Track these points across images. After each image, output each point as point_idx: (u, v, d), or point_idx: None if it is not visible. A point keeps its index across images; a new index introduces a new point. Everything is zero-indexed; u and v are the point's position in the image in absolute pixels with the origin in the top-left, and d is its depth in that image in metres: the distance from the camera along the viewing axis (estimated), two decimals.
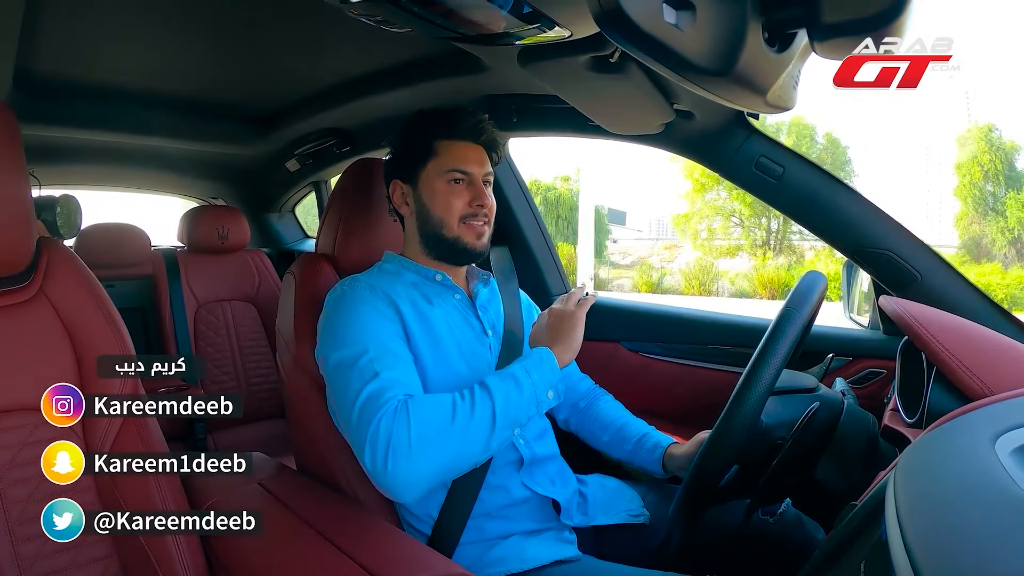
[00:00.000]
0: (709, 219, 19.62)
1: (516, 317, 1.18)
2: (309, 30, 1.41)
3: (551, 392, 0.97)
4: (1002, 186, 17.58)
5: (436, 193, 1.09)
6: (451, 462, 0.90)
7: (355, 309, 1.01)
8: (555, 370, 0.98)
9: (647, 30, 0.51)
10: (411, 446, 0.87)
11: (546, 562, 0.99)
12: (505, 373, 0.96)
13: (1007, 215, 17.02)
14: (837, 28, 0.58)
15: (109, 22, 1.36)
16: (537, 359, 0.98)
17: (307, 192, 2.86)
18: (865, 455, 0.94)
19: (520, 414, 0.94)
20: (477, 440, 0.90)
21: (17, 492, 0.86)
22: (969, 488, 0.49)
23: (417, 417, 0.88)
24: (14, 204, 0.87)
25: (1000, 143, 17.75)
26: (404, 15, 0.84)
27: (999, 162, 17.54)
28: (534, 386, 0.95)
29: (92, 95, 1.83)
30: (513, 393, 0.93)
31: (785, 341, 0.85)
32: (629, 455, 1.20)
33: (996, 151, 17.67)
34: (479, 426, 0.90)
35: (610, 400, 1.30)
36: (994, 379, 0.78)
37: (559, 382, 0.98)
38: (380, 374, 0.93)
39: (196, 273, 2.41)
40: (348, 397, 0.94)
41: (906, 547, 0.45)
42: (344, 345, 0.98)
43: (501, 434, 0.92)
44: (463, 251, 1.10)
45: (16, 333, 0.91)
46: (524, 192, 1.85)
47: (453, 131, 1.10)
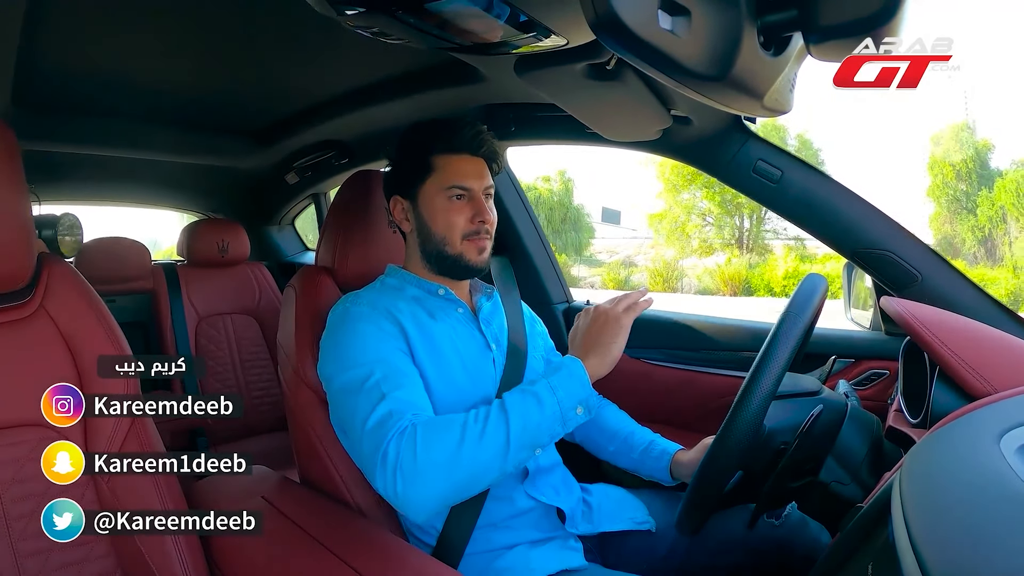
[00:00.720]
0: (683, 218, 20.11)
1: (519, 329, 1.17)
2: (306, 43, 1.42)
3: (580, 408, 0.91)
4: (974, 184, 17.75)
5: (437, 211, 1.08)
6: (462, 485, 0.87)
7: (358, 328, 1.00)
8: (585, 385, 0.91)
9: (643, 36, 0.51)
10: (417, 471, 0.85)
11: (552, 572, 0.98)
12: (528, 390, 0.91)
13: (977, 214, 17.11)
14: (832, 31, 0.58)
15: (107, 37, 1.37)
16: (566, 374, 0.91)
17: (306, 205, 2.87)
18: (870, 457, 0.93)
19: (541, 434, 0.89)
20: (489, 463, 0.87)
21: (21, 507, 0.86)
22: (975, 487, 0.49)
23: (424, 441, 0.86)
24: (14, 221, 0.88)
25: (972, 142, 17.95)
26: (400, 26, 0.84)
27: (971, 160, 17.73)
28: (559, 404, 0.89)
29: (90, 111, 1.84)
30: (533, 413, 0.88)
31: (786, 346, 0.84)
32: (636, 463, 1.19)
33: (968, 149, 17.86)
34: (490, 449, 0.87)
35: (615, 410, 1.29)
36: (997, 377, 0.78)
37: (590, 397, 0.91)
38: (387, 395, 0.92)
39: (197, 287, 2.42)
40: (357, 422, 0.93)
41: (913, 548, 0.45)
42: (349, 367, 0.97)
43: (517, 455, 0.88)
44: (465, 268, 1.09)
45: (17, 349, 0.91)
46: (523, 201, 1.86)
47: (451, 145, 1.09)
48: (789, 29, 0.62)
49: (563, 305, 1.88)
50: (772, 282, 18.09)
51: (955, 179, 17.76)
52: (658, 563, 1.10)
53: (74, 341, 0.94)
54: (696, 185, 19.43)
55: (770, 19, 0.60)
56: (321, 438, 1.04)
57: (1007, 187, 16.96)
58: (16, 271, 0.90)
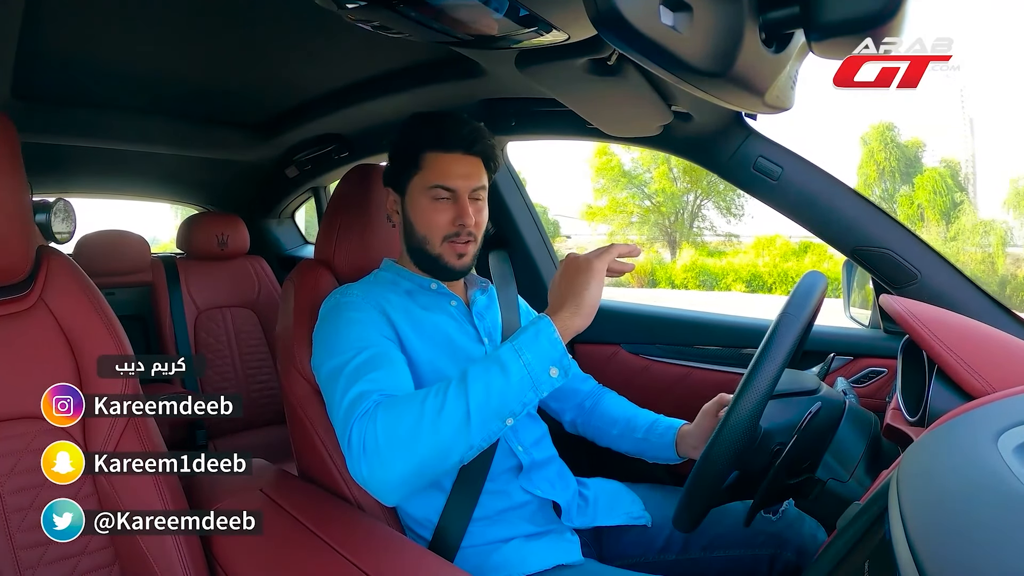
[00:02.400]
0: (612, 216, 22.27)
1: (514, 324, 1.17)
2: (307, 36, 1.41)
3: (554, 370, 0.82)
4: (897, 183, 18.10)
5: (419, 209, 1.08)
6: (426, 463, 0.82)
7: (346, 317, 1.00)
8: (555, 344, 0.82)
9: (644, 32, 0.51)
10: (380, 449, 0.82)
11: (548, 566, 0.98)
12: (490, 358, 0.84)
13: (897, 212, 17.59)
14: (834, 28, 0.58)
15: (107, 29, 1.36)
16: (532, 334, 0.83)
17: (306, 198, 2.86)
18: (867, 454, 0.93)
19: (509, 402, 0.82)
20: (452, 438, 0.81)
21: (19, 500, 0.86)
22: (972, 486, 0.49)
23: (385, 420, 0.83)
24: (14, 213, 0.88)
25: (897, 141, 18.62)
26: (401, 20, 0.84)
27: (895, 159, 18.39)
28: (527, 367, 0.81)
29: (90, 103, 1.84)
30: (497, 380, 0.82)
31: (783, 345, 0.84)
32: (640, 445, 1.18)
33: (892, 149, 18.63)
34: (451, 423, 0.81)
35: (615, 395, 1.29)
36: (995, 376, 0.78)
37: (563, 356, 0.83)
38: (362, 378, 0.90)
39: (196, 280, 2.41)
40: (334, 405, 0.92)
41: (910, 546, 0.45)
42: (334, 354, 0.96)
43: (485, 428, 0.82)
44: (444, 269, 1.09)
45: (16, 342, 0.91)
46: (523, 196, 1.86)
47: (442, 142, 1.07)
48: (791, 26, 0.61)
49: None
50: (673, 275, 20.65)
51: (878, 179, 18.18)
52: (654, 557, 1.10)
53: (73, 334, 0.94)
54: (621, 187, 22.02)
55: (772, 16, 0.60)
56: (318, 431, 1.05)
57: (924, 185, 17.32)
58: (15, 263, 0.90)
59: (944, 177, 18.00)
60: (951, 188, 17.92)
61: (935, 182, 17.65)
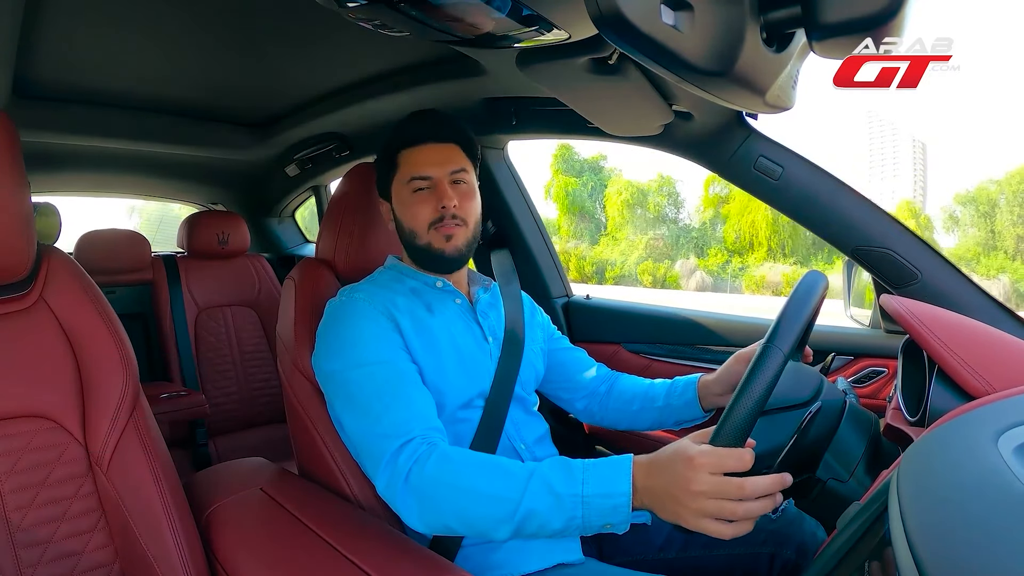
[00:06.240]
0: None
1: (518, 318, 1.18)
2: (308, 35, 1.42)
3: (608, 526, 0.77)
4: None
5: (404, 205, 1.10)
6: (455, 525, 0.84)
7: (358, 325, 1.00)
8: (624, 515, 0.76)
9: (645, 31, 0.51)
10: (428, 495, 0.84)
11: (549, 565, 0.99)
12: (558, 493, 0.78)
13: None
14: (835, 28, 0.58)
15: (107, 29, 1.37)
16: (608, 503, 0.76)
17: (307, 197, 2.87)
18: (867, 454, 0.93)
19: (549, 530, 0.79)
20: (491, 524, 0.81)
21: (19, 498, 0.86)
22: (972, 486, 0.49)
23: (438, 469, 0.84)
24: (14, 212, 0.87)
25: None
26: (402, 18, 0.84)
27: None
28: (583, 519, 0.77)
29: (91, 102, 1.84)
30: (552, 516, 0.78)
31: (782, 346, 0.84)
32: (662, 413, 1.17)
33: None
34: (495, 515, 0.80)
35: (629, 376, 1.28)
36: (996, 377, 0.78)
37: (624, 522, 0.77)
38: (394, 402, 0.92)
39: (196, 278, 2.42)
40: (365, 424, 0.93)
41: (910, 545, 0.45)
42: (351, 365, 0.96)
43: (520, 532, 0.80)
44: (437, 258, 1.09)
45: (17, 340, 0.91)
46: (524, 195, 1.86)
47: (411, 137, 1.10)
48: (792, 26, 0.61)
49: (563, 299, 1.89)
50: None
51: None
52: (654, 555, 1.10)
53: (73, 333, 0.94)
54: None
55: (773, 15, 0.60)
56: (319, 430, 1.05)
57: None
58: (16, 262, 0.90)
59: None
60: None
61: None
